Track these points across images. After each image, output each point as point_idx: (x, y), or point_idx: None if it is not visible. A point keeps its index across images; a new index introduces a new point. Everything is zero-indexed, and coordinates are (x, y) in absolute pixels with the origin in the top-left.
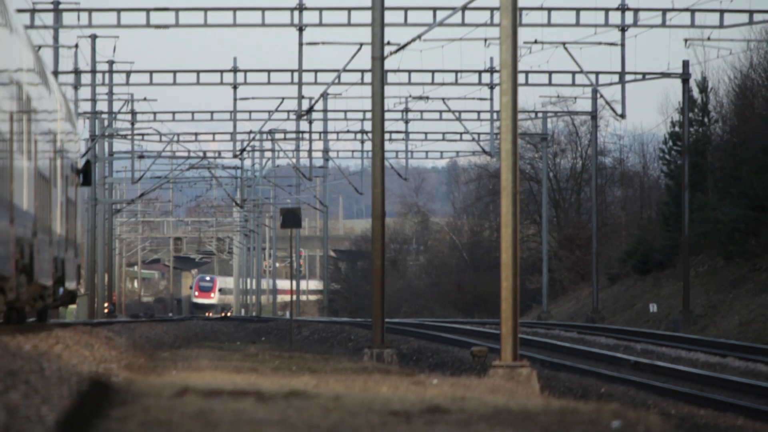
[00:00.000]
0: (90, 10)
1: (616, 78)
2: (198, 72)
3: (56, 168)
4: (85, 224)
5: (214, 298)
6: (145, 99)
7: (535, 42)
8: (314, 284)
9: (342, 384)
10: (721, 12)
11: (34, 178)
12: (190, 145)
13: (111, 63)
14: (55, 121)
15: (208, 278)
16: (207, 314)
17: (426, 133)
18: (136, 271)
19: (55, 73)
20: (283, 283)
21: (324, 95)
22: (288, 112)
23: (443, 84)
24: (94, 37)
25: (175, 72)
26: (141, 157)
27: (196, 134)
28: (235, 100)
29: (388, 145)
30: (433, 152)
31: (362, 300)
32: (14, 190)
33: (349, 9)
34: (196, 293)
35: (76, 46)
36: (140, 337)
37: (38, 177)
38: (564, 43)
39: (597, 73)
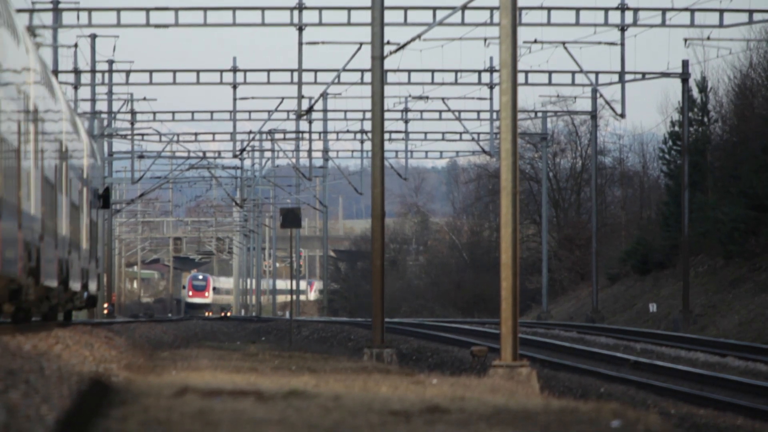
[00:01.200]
0: (89, 10)
1: (615, 77)
2: (198, 72)
3: (83, 198)
4: (103, 239)
5: (208, 297)
6: (144, 99)
7: (535, 41)
8: (315, 284)
9: (342, 384)
10: (721, 12)
11: (69, 208)
12: (189, 145)
13: (111, 62)
14: (82, 158)
15: (201, 276)
16: (207, 314)
17: (426, 133)
18: (135, 271)
19: (55, 72)
20: (285, 284)
21: (324, 95)
22: (288, 111)
23: (443, 84)
24: (93, 37)
25: (174, 72)
26: (141, 157)
27: (195, 134)
28: (234, 99)
29: (387, 145)
30: (433, 152)
31: (362, 300)
32: (60, 222)
33: (349, 8)
34: (190, 293)
35: (76, 45)
36: (140, 337)
37: (71, 207)
38: (564, 43)
39: (597, 73)
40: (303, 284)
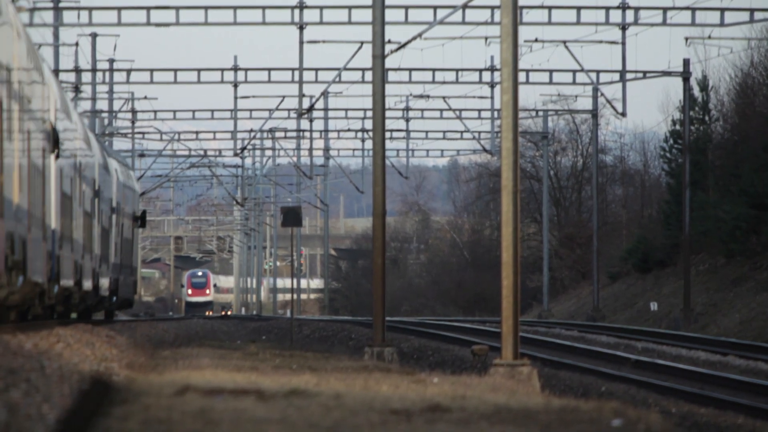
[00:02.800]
0: (90, 9)
1: (616, 76)
2: (198, 70)
3: (130, 221)
4: (139, 252)
5: (209, 295)
6: (145, 97)
7: (536, 40)
8: (315, 283)
9: (343, 382)
10: (722, 10)
11: (120, 228)
12: (190, 144)
13: (111, 61)
14: (133, 196)
15: (200, 273)
16: (207, 313)
17: (427, 132)
18: None
19: (56, 71)
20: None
21: (325, 93)
22: (289, 110)
23: (444, 82)
24: (94, 36)
25: (175, 70)
26: (141, 155)
27: (196, 133)
28: (235, 98)
29: (388, 144)
30: (434, 151)
31: (363, 298)
32: (114, 247)
33: (350, 7)
34: (189, 291)
35: (77, 44)
36: (141, 336)
37: (120, 226)
38: (565, 42)
39: (598, 72)
40: (304, 283)
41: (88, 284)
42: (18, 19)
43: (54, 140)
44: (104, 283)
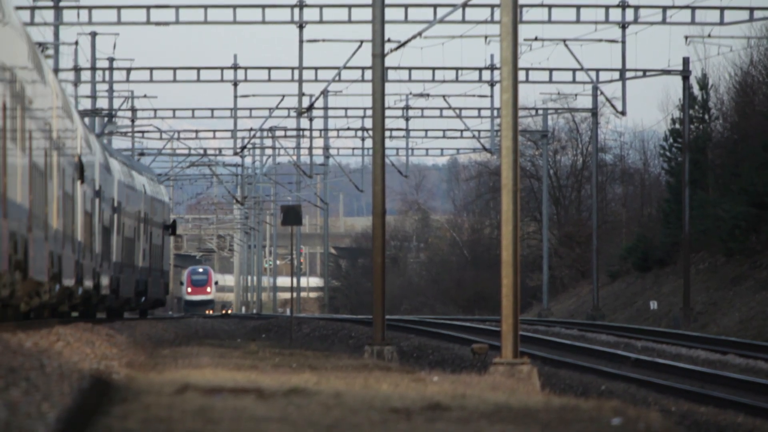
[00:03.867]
0: (90, 8)
1: (616, 75)
2: (198, 69)
3: (160, 230)
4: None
5: (210, 293)
6: (145, 96)
7: (536, 39)
8: (315, 281)
9: (342, 381)
10: (722, 9)
11: (149, 236)
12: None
13: (111, 60)
14: (163, 207)
15: (201, 270)
16: (208, 312)
17: (426, 131)
18: None
19: (56, 70)
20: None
21: (324, 92)
22: (288, 109)
23: (444, 81)
24: (94, 35)
25: (175, 69)
26: (141, 154)
27: (196, 131)
28: (235, 97)
29: (388, 143)
30: (434, 149)
31: (363, 297)
32: (144, 254)
33: (350, 6)
34: (189, 289)
35: (77, 43)
36: (141, 334)
37: (149, 235)
38: (564, 40)
39: (597, 70)
40: (303, 281)
41: (105, 286)
42: (54, 78)
43: (80, 170)
44: (127, 286)
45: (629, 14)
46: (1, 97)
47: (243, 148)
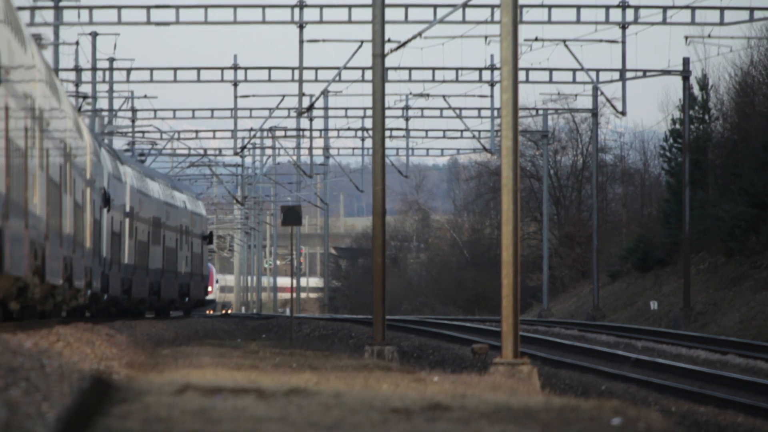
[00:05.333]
0: (90, 8)
1: (616, 75)
2: (198, 69)
3: (200, 240)
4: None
5: (212, 292)
6: (145, 96)
7: (536, 39)
8: (315, 281)
9: (343, 381)
10: (722, 9)
11: (190, 245)
12: (190, 143)
13: (111, 60)
14: (201, 220)
15: None
16: (208, 312)
17: (427, 131)
18: None
19: (56, 70)
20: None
21: (325, 92)
22: (289, 109)
23: (444, 81)
24: (94, 35)
25: (175, 69)
26: (141, 154)
27: (196, 131)
28: (235, 97)
29: (388, 143)
30: (434, 149)
31: (363, 297)
32: (186, 261)
33: (350, 6)
34: None
35: (77, 43)
36: (141, 334)
37: (190, 244)
38: (564, 41)
39: (597, 71)
40: (303, 281)
41: (144, 290)
42: (69, 102)
43: (105, 200)
44: (171, 288)
45: (629, 14)
46: (22, 121)
47: (243, 148)
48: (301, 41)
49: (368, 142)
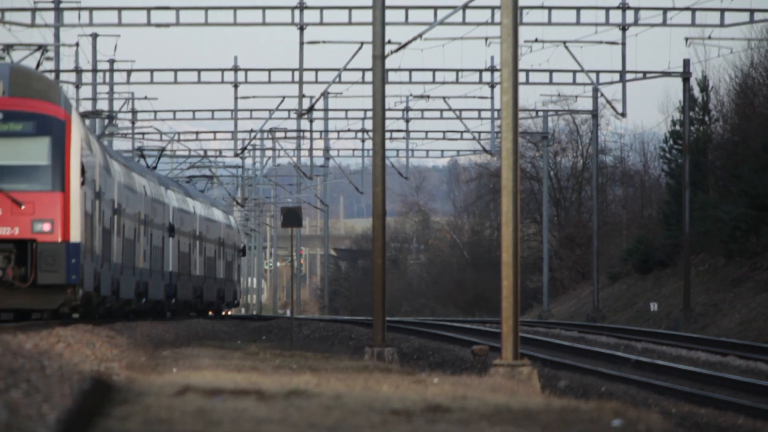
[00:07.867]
0: (91, 9)
1: (616, 77)
2: (199, 71)
3: (233, 251)
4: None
5: None
6: (145, 98)
7: (536, 41)
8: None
9: (343, 383)
10: (722, 11)
11: (224, 255)
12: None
13: (112, 62)
14: (237, 235)
15: None
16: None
17: (427, 132)
18: None
19: (57, 72)
20: None
21: (325, 94)
22: (289, 110)
23: (444, 83)
24: (95, 36)
25: (175, 71)
26: (141, 155)
27: (196, 133)
28: (236, 98)
29: (388, 144)
30: (434, 151)
31: (363, 299)
32: (221, 269)
33: (350, 8)
34: None
35: (77, 44)
36: (141, 335)
37: (227, 255)
38: (565, 42)
39: (598, 72)
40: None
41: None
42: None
43: (170, 229)
44: (210, 293)
45: (629, 16)
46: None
47: (243, 149)
48: (302, 43)
49: (368, 144)
